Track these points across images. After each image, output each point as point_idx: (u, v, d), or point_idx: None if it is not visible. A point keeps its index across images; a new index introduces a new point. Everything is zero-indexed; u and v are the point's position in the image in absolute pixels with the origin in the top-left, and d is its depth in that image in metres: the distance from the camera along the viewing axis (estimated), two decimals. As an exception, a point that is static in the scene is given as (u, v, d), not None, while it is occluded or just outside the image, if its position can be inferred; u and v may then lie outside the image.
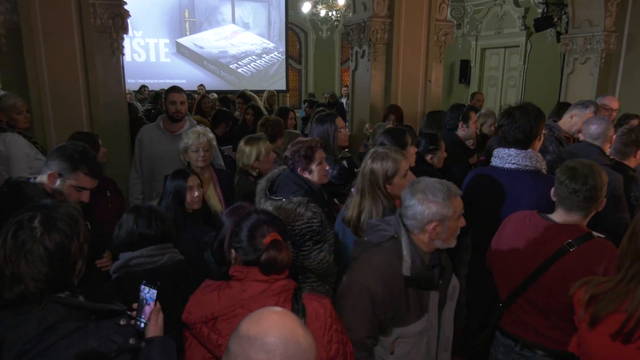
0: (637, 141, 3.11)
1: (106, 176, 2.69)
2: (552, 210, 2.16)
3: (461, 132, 3.89)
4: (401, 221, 1.88)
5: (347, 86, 10.15)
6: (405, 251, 1.82)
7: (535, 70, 9.83)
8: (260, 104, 6.70)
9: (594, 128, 3.14)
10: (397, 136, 2.94)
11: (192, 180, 2.70)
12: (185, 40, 12.95)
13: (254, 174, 3.33)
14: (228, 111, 6.21)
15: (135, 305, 1.56)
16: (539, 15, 8.05)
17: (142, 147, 3.90)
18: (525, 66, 10.18)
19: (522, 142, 2.53)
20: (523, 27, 10.08)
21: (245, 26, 13.62)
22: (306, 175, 2.62)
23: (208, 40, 13.15)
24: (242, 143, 3.40)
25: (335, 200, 3.10)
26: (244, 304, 1.50)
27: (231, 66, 13.46)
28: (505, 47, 10.85)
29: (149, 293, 1.56)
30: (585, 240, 1.98)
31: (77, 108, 4.29)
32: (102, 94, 4.43)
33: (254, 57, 13.71)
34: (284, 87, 14.12)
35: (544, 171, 2.57)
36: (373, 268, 1.82)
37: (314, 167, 2.61)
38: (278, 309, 1.13)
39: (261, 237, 1.57)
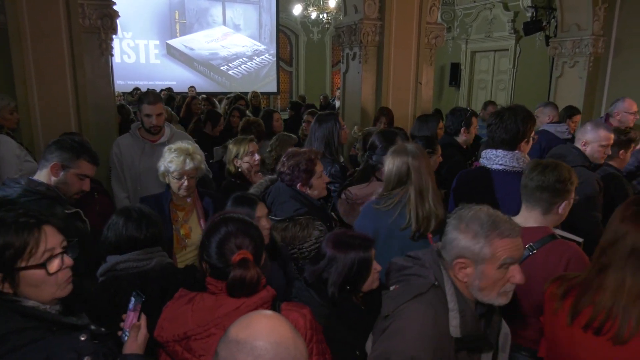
0: (619, 142, 3.16)
1: (93, 178, 2.65)
2: None
3: (463, 137, 3.89)
4: (440, 261, 1.53)
5: (339, 88, 10.23)
6: (452, 304, 1.46)
7: (525, 74, 9.91)
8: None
9: (582, 130, 3.16)
10: (389, 137, 2.92)
11: (261, 210, 2.17)
12: (175, 42, 12.89)
13: (232, 170, 3.25)
14: (217, 111, 6.17)
15: (124, 316, 1.52)
16: (528, 19, 8.12)
17: (124, 162, 3.45)
18: (515, 69, 10.26)
19: (509, 143, 2.54)
20: (512, 31, 10.16)
21: (236, 28, 13.60)
22: (306, 190, 2.48)
23: (198, 42, 13.11)
24: (230, 142, 3.38)
25: (333, 214, 3.02)
26: (218, 323, 1.44)
27: (222, 68, 13.42)
28: (495, 51, 10.93)
29: (132, 304, 1.51)
30: (545, 243, 1.98)
31: (65, 109, 4.23)
32: (91, 95, 4.37)
33: (244, 59, 13.69)
34: (274, 89, 14.12)
35: None
36: (417, 330, 1.42)
37: (314, 181, 2.48)
38: (268, 312, 1.11)
39: (230, 252, 1.51)
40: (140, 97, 3.46)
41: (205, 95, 8.43)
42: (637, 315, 1.40)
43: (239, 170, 3.26)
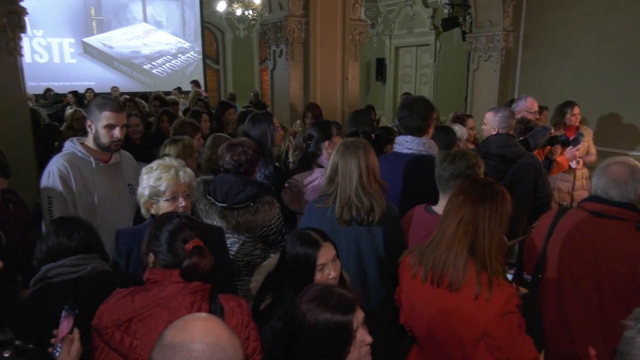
0: (520, 130, 3.54)
1: (8, 187, 2.45)
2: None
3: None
4: None
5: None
6: None
7: (445, 67, 10.39)
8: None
9: (506, 120, 3.33)
10: (323, 127, 3.14)
11: (325, 253, 1.77)
12: (92, 40, 12.23)
13: None
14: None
15: (55, 332, 1.47)
16: (446, 16, 8.51)
17: (75, 190, 2.52)
18: (436, 63, 10.72)
19: (420, 130, 2.85)
20: (432, 27, 10.60)
21: (158, 25, 13.13)
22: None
23: (118, 40, 12.52)
24: (166, 144, 3.16)
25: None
26: (160, 302, 1.48)
27: (144, 67, 12.92)
28: (417, 46, 11.36)
29: (63, 316, 1.47)
30: None
31: (-30, 114, 3.92)
32: (0, 98, 4.07)
33: (168, 57, 13.26)
34: (202, 88, 13.78)
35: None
36: None
37: (256, 169, 2.71)
38: (203, 314, 1.13)
39: (182, 241, 1.57)
40: (98, 103, 2.58)
41: (128, 96, 8.07)
42: (462, 264, 1.70)
43: None
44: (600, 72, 5.90)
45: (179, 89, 10.80)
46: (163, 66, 13.22)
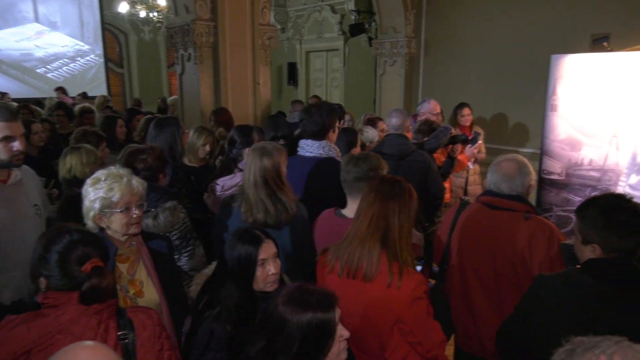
0: (423, 131, 3.81)
1: None
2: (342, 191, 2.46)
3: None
4: None
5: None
6: None
7: (354, 72, 10.72)
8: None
9: (397, 121, 3.57)
10: (245, 132, 3.23)
11: (267, 249, 1.80)
12: (-26, 41, 11.09)
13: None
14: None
15: None
16: (353, 22, 8.80)
17: None
18: (346, 68, 11.02)
19: (319, 134, 2.98)
20: (341, 32, 10.88)
21: (53, 26, 12.20)
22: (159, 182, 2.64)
23: (6, 41, 11.46)
24: (66, 153, 2.94)
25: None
26: (62, 329, 1.38)
27: (38, 70, 11.94)
28: (327, 51, 11.60)
29: None
30: None
31: None
32: None
33: (66, 60, 12.36)
34: (105, 93, 13.01)
35: (338, 159, 2.98)
36: None
37: (160, 175, 2.64)
38: (88, 343, 1.09)
39: (77, 262, 1.43)
40: None
41: (19, 103, 7.38)
42: (376, 257, 1.83)
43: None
44: (491, 75, 6.44)
45: (83, 94, 10.08)
46: (60, 70, 12.30)
